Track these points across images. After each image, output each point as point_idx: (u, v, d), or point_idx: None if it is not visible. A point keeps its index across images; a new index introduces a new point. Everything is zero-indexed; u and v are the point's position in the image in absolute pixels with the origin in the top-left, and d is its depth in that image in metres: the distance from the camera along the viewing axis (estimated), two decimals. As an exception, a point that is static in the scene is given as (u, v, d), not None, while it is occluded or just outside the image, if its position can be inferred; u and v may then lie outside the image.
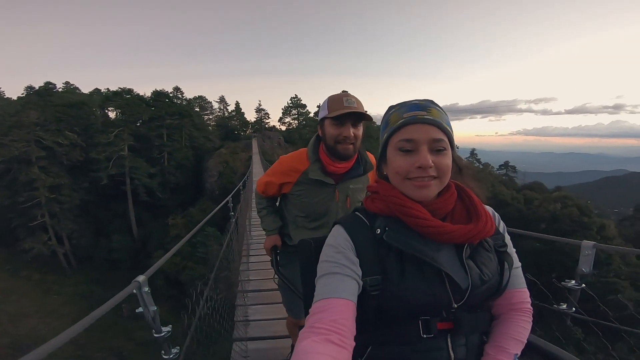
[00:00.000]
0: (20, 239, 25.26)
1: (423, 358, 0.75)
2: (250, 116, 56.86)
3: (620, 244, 20.80)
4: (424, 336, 0.74)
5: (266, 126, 54.09)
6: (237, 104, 54.83)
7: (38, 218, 25.66)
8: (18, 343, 16.85)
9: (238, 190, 7.24)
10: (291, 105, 52.00)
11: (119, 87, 34.90)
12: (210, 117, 54.79)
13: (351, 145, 1.46)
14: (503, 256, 0.82)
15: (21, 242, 25.01)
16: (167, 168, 32.73)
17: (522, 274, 0.88)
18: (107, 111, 36.67)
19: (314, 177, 1.56)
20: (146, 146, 32.36)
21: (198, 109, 52.11)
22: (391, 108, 0.85)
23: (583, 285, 1.96)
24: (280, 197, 1.83)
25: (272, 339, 2.93)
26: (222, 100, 56.43)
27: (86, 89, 44.13)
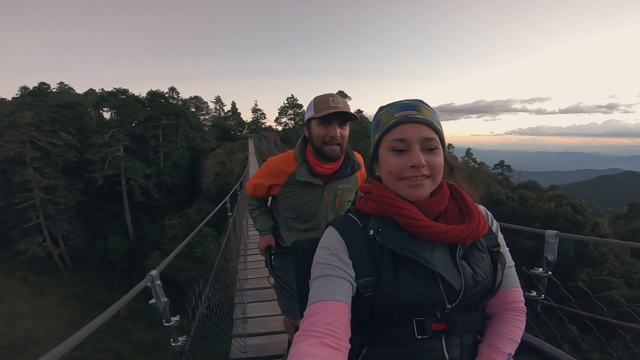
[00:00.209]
0: (15, 240, 25.03)
1: (418, 358, 0.76)
2: (246, 116, 56.84)
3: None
4: (419, 337, 0.75)
5: (262, 126, 54.13)
6: (234, 104, 54.91)
7: (33, 219, 25.41)
8: (14, 344, 16.78)
9: (235, 190, 7.31)
10: (287, 105, 52.06)
11: (114, 88, 34.71)
12: (206, 118, 54.74)
13: (338, 146, 1.46)
14: (496, 256, 0.82)
15: (16, 244, 24.79)
16: (163, 169, 32.46)
17: (516, 273, 0.89)
18: (102, 112, 36.50)
19: (302, 179, 1.56)
20: (142, 147, 32.13)
21: (194, 109, 52.03)
22: (382, 108, 0.86)
23: (549, 272, 2.07)
24: (270, 199, 1.82)
25: (270, 335, 3.01)
26: (218, 100, 56.36)
27: (81, 90, 43.89)
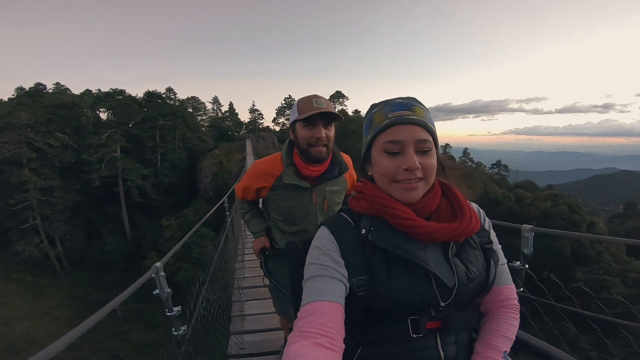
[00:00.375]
0: (12, 242, 24.88)
1: (413, 357, 0.75)
2: (244, 117, 57.03)
3: (610, 241, 21.22)
4: (414, 336, 0.74)
5: (260, 127, 54.17)
6: (231, 105, 54.94)
7: (30, 220, 25.28)
8: (13, 345, 16.73)
9: (233, 190, 7.33)
10: (285, 105, 52.09)
11: (111, 88, 34.62)
12: (203, 118, 54.70)
13: (324, 147, 1.46)
14: (489, 253, 0.82)
15: (13, 245, 24.65)
16: (161, 169, 32.38)
17: (508, 270, 0.89)
18: (99, 112, 36.24)
19: (289, 182, 1.55)
20: (139, 147, 31.99)
21: (191, 110, 51.90)
22: (374, 106, 0.84)
23: (526, 265, 2.13)
24: (261, 201, 1.82)
25: (267, 332, 3.04)
26: (216, 100, 56.46)
27: (77, 90, 43.55)
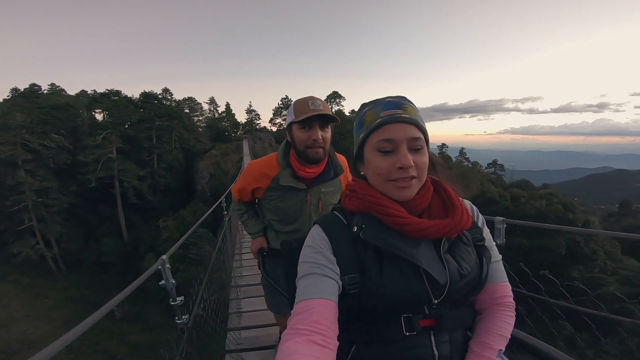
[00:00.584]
0: (8, 243, 24.83)
1: (407, 356, 0.75)
2: (240, 117, 56.79)
3: (604, 239, 21.51)
4: (407, 334, 0.74)
5: (257, 127, 53.99)
6: (228, 105, 54.64)
7: (25, 222, 25.20)
8: (10, 347, 16.70)
9: (230, 190, 7.40)
10: (282, 106, 51.91)
11: (106, 89, 34.49)
12: (200, 119, 54.34)
13: (321, 148, 1.46)
14: (481, 250, 0.82)
15: (9, 247, 24.58)
16: (157, 170, 32.20)
17: (503, 268, 0.89)
18: (95, 113, 36.16)
19: (285, 184, 1.56)
20: (135, 148, 31.89)
21: (188, 111, 51.58)
22: (364, 106, 0.84)
23: (500, 256, 2.27)
24: (256, 202, 1.84)
25: (263, 327, 3.11)
26: (212, 101, 56.13)
27: (72, 91, 43.41)
